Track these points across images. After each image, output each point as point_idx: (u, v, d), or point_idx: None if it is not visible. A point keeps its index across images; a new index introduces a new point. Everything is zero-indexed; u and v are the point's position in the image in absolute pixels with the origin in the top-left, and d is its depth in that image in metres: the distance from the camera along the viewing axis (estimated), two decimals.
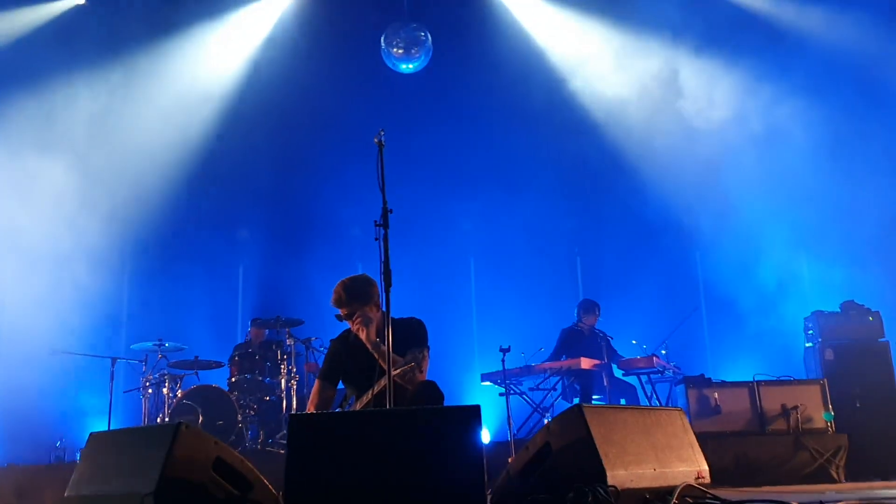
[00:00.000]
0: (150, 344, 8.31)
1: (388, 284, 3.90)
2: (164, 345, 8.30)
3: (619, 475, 3.11)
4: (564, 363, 7.84)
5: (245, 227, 10.42)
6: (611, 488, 2.98)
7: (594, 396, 7.79)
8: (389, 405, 3.84)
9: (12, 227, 8.73)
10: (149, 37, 9.81)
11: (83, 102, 9.38)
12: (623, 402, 7.95)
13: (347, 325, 4.68)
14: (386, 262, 3.91)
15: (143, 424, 7.94)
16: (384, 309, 3.98)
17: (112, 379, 8.02)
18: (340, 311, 4.61)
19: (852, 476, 6.74)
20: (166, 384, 8.10)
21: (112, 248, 9.51)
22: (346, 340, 4.79)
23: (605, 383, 7.90)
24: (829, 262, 8.94)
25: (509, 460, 6.25)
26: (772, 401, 7.06)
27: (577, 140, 10.04)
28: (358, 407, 4.51)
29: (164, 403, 8.05)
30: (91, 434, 3.87)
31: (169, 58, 9.93)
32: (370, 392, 4.42)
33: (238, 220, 10.39)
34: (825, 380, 7.25)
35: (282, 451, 7.61)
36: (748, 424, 7.04)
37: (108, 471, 3.64)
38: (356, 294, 4.57)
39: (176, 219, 9.93)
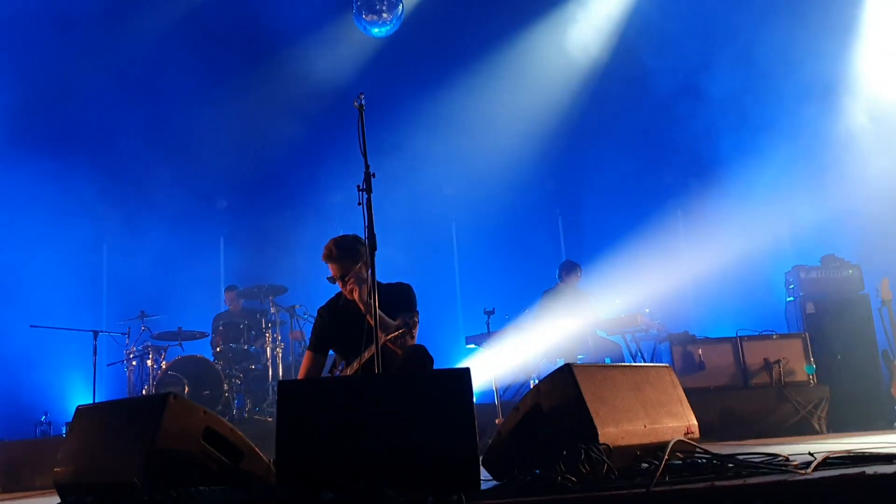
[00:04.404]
0: (132, 316, 8.26)
1: (372, 248, 3.86)
2: (146, 316, 8.25)
3: (610, 433, 3.11)
4: (548, 324, 7.85)
5: (224, 196, 10.29)
6: (602, 446, 2.99)
7: (578, 356, 7.83)
8: (378, 369, 3.82)
9: None
10: None
11: None
12: (608, 360, 7.99)
13: (338, 288, 4.65)
14: (370, 227, 3.87)
15: (128, 397, 7.90)
16: (370, 272, 3.95)
17: (95, 352, 7.94)
18: (332, 271, 4.59)
19: (834, 427, 6.86)
20: (150, 356, 8.05)
21: (90, 220, 9.40)
22: (334, 307, 4.76)
23: (590, 343, 7.93)
24: (809, 215, 8.99)
25: (497, 422, 6.30)
26: (755, 355, 7.16)
27: (556, 99, 9.97)
28: (348, 372, 4.50)
29: (149, 375, 8.01)
30: (78, 407, 3.81)
31: None
32: (360, 357, 4.40)
33: (217, 190, 10.25)
34: (807, 333, 7.35)
35: (269, 420, 7.61)
36: (732, 379, 7.14)
37: (97, 444, 3.60)
38: (346, 250, 4.55)
39: (154, 189, 9.80)
